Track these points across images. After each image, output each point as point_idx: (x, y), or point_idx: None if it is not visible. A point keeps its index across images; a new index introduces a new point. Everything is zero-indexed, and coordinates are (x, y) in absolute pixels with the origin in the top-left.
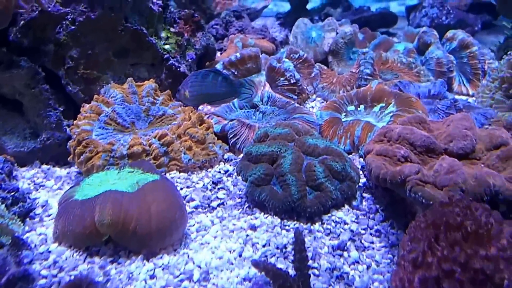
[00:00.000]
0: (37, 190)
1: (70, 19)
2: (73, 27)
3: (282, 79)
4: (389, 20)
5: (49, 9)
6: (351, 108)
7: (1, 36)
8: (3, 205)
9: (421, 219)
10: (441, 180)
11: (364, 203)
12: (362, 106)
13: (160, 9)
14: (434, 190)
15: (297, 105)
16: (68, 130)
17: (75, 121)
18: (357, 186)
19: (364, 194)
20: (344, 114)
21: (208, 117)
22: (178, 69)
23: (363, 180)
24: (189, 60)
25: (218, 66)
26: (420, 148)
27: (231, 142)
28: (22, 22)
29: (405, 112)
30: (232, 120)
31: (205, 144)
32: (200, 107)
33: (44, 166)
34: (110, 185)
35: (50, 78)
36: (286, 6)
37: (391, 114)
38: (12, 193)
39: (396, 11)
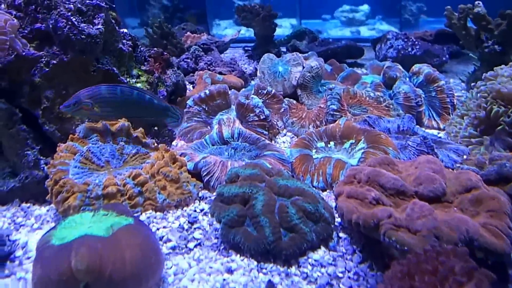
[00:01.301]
0: (18, 230)
1: (44, 62)
2: (47, 69)
3: (252, 115)
4: (355, 52)
5: (24, 53)
6: (321, 144)
7: None
8: None
9: (396, 268)
10: (414, 225)
11: (341, 243)
12: (332, 143)
13: (130, 48)
14: (408, 235)
15: (267, 141)
16: (46, 169)
17: (51, 161)
18: (332, 226)
19: (341, 234)
20: (314, 150)
21: (180, 155)
22: None
23: (338, 219)
24: (161, 97)
25: (189, 102)
26: (390, 190)
27: (205, 180)
28: None
29: (375, 149)
30: (204, 157)
31: (179, 183)
32: (174, 143)
33: (24, 205)
34: (86, 228)
35: (27, 118)
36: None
37: (362, 150)
38: None
39: (367, 35)
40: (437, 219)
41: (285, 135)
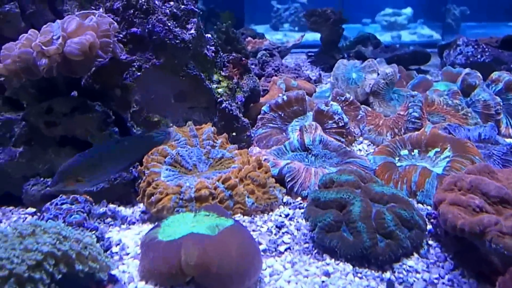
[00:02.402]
0: (108, 228)
1: (136, 66)
2: (139, 73)
3: (330, 122)
4: (421, 58)
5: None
6: (404, 152)
7: (75, 82)
8: (98, 244)
9: None
10: None
11: (431, 251)
12: (416, 151)
13: (213, 54)
14: None
15: (348, 149)
16: (134, 171)
17: (144, 163)
18: (425, 234)
19: (430, 242)
20: (397, 158)
21: (264, 160)
22: (231, 112)
23: (428, 227)
24: (238, 103)
25: (264, 109)
26: (494, 198)
27: (289, 186)
28: (93, 69)
29: (462, 157)
30: (288, 163)
31: (266, 188)
32: (250, 149)
33: (111, 206)
34: (190, 227)
35: (116, 121)
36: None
37: (448, 159)
38: (93, 232)
39: (408, 40)
40: None
41: (361, 142)
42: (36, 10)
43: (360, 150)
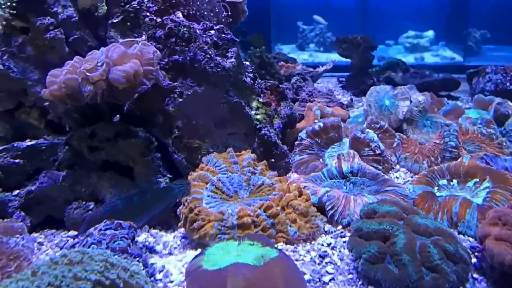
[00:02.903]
0: (150, 254)
1: (178, 92)
2: (180, 100)
3: (367, 149)
4: (451, 85)
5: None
6: (443, 182)
7: (118, 108)
8: (144, 271)
9: None
10: None
11: (477, 285)
12: (454, 181)
13: (252, 81)
14: None
15: (387, 177)
16: None
17: None
18: (470, 268)
19: (475, 276)
20: (436, 188)
21: (304, 188)
22: (270, 139)
23: (472, 260)
24: (276, 129)
25: (301, 135)
26: None
27: (329, 214)
28: (136, 95)
29: (502, 189)
30: (327, 191)
31: (308, 217)
32: (288, 175)
33: (153, 230)
34: (235, 256)
35: (158, 146)
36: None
37: (487, 190)
38: (137, 259)
39: (431, 62)
40: None
41: (398, 170)
42: (80, 37)
43: (397, 178)
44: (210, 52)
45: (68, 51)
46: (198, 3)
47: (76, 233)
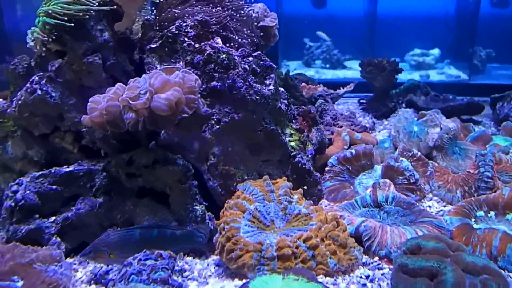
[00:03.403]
0: (187, 282)
1: (215, 119)
2: (218, 127)
3: (401, 178)
4: (475, 109)
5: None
6: (480, 214)
7: (155, 134)
8: None
9: None
10: None
11: None
12: (492, 213)
13: (286, 107)
14: None
15: (422, 207)
16: (210, 223)
17: (222, 217)
18: None
19: None
20: (473, 220)
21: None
22: (304, 166)
23: None
24: (309, 156)
25: (332, 161)
26: None
27: (366, 245)
28: None
29: None
30: (363, 221)
31: (347, 248)
32: (320, 202)
33: (188, 258)
34: None
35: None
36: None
37: None
38: None
39: (436, 80)
40: None
41: (431, 199)
42: (116, 62)
43: (429, 207)
44: (249, 79)
45: (105, 76)
46: (235, 27)
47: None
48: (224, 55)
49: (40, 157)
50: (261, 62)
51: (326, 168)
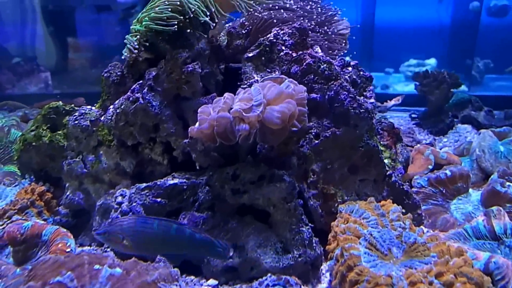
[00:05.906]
0: None
1: (314, 134)
2: (317, 142)
3: (508, 205)
4: None
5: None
6: None
7: (252, 148)
8: None
9: None
10: None
11: None
12: None
13: (373, 122)
14: None
15: None
16: (317, 249)
17: (332, 242)
18: None
19: None
20: None
21: None
22: (402, 187)
23: None
24: (399, 175)
25: (422, 182)
26: None
27: (500, 286)
28: None
29: None
30: (491, 256)
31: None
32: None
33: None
34: None
35: None
36: None
37: None
38: None
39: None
40: None
41: None
42: (210, 71)
43: None
44: (353, 92)
45: (201, 85)
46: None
47: (216, 282)
48: (325, 65)
49: (132, 168)
50: (361, 73)
51: (413, 189)
